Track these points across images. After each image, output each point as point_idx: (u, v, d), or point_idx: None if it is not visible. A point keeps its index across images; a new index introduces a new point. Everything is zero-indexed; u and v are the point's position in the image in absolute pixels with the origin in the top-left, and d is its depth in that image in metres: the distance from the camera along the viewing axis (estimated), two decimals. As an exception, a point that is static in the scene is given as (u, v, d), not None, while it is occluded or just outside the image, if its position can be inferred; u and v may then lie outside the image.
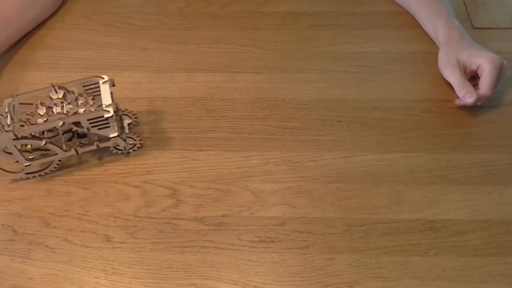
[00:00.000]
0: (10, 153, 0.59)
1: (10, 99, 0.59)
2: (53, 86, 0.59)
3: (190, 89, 0.72)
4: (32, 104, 0.60)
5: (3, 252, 0.57)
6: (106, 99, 0.59)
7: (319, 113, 0.69)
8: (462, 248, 0.56)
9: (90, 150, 0.62)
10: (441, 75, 0.72)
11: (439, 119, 0.67)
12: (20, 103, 0.60)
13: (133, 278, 0.55)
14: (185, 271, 0.56)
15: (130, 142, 0.64)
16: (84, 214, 0.60)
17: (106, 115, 0.58)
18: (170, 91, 0.71)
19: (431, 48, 0.76)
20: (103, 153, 0.65)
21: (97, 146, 0.62)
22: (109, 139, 0.61)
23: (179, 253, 0.57)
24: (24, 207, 0.61)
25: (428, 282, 0.54)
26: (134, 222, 0.59)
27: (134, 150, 0.65)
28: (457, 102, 0.68)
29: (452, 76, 0.68)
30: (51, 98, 0.59)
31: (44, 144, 0.58)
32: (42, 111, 0.58)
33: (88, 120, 0.58)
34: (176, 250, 0.57)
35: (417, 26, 0.79)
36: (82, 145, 0.62)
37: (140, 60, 0.75)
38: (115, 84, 0.61)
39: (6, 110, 0.58)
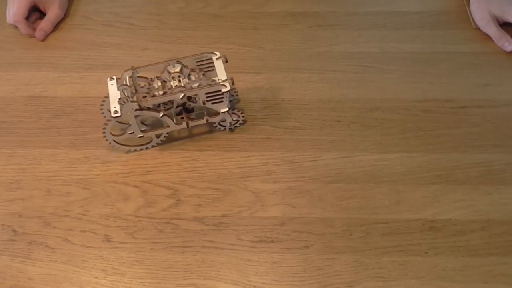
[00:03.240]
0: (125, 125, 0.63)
1: (130, 72, 0.62)
2: (170, 61, 0.61)
3: (190, 89, 0.72)
4: (147, 77, 0.62)
5: (3, 252, 0.57)
6: (221, 74, 0.62)
7: (319, 113, 0.69)
8: (462, 248, 0.56)
9: (199, 125, 0.65)
10: (441, 75, 0.72)
11: (439, 119, 0.67)
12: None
13: (133, 278, 0.55)
14: (185, 271, 0.56)
15: (234, 118, 0.65)
16: (84, 214, 0.60)
17: (223, 90, 0.60)
18: (170, 91, 0.71)
19: (431, 48, 0.76)
20: (209, 128, 0.67)
21: (207, 120, 0.64)
22: (217, 114, 0.63)
23: (179, 253, 0.57)
24: (24, 207, 0.61)
25: (428, 282, 0.54)
26: (134, 222, 0.59)
27: (236, 126, 0.66)
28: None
29: (488, 30, 0.75)
30: (169, 72, 0.61)
31: (161, 116, 0.61)
32: (158, 84, 0.61)
33: (205, 94, 0.60)
34: (176, 250, 0.57)
35: (417, 26, 0.79)
36: (191, 119, 0.64)
37: (140, 60, 0.75)
38: None
39: (125, 82, 0.61)
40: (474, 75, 0.72)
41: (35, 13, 0.81)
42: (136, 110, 0.59)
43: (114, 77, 0.63)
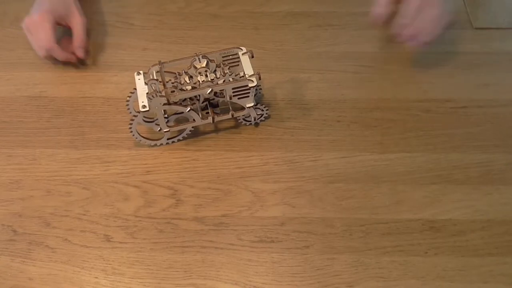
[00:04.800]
0: (150, 121, 0.63)
1: (157, 67, 0.62)
2: (197, 56, 0.62)
3: (190, 89, 0.72)
4: (173, 72, 0.62)
5: (3, 252, 0.57)
6: (248, 69, 0.62)
7: (319, 113, 0.69)
8: (462, 248, 0.56)
9: (224, 119, 0.65)
10: (441, 75, 0.72)
11: (439, 119, 0.67)
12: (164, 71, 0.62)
13: (133, 278, 0.55)
14: (185, 271, 0.56)
15: (258, 113, 0.66)
16: (84, 214, 0.60)
17: (250, 85, 0.61)
18: (170, 91, 0.71)
19: (431, 48, 0.75)
20: (233, 123, 0.67)
21: (232, 115, 0.64)
22: (241, 109, 0.64)
23: (179, 253, 0.57)
24: (24, 207, 0.61)
25: (428, 282, 0.54)
26: (134, 222, 0.59)
27: (261, 120, 0.67)
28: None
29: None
30: (195, 67, 0.61)
31: (188, 111, 0.61)
32: (186, 79, 0.61)
33: (232, 88, 0.60)
34: (176, 250, 0.57)
35: (417, 26, 0.79)
36: (216, 114, 0.64)
37: (140, 60, 0.75)
38: None
39: (152, 77, 0.61)
40: (474, 75, 0.72)
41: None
42: (164, 104, 0.60)
43: (141, 72, 0.63)
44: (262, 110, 0.66)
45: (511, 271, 0.55)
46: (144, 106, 0.60)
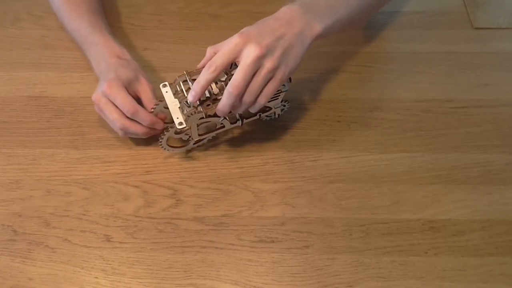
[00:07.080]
0: (180, 133, 0.62)
1: (184, 78, 0.60)
2: None
3: (190, 89, 0.72)
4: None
5: (3, 252, 0.57)
6: None
7: (319, 113, 0.69)
8: (462, 248, 0.56)
9: (252, 120, 0.64)
10: (441, 75, 0.72)
11: (439, 119, 0.67)
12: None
13: (133, 278, 0.55)
14: (185, 271, 0.56)
15: (281, 109, 0.65)
16: (84, 214, 0.60)
17: (283, 90, 0.61)
18: (170, 91, 0.71)
19: (431, 48, 0.76)
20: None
21: (259, 116, 0.64)
22: (267, 109, 0.63)
23: (179, 253, 0.57)
24: (24, 207, 0.61)
25: (428, 282, 0.54)
26: (134, 222, 0.59)
27: (280, 114, 0.66)
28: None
29: None
30: (226, 74, 0.59)
31: (222, 120, 0.61)
32: (216, 88, 0.59)
33: None
34: (176, 250, 0.57)
35: (417, 26, 0.79)
36: (243, 116, 0.64)
37: (140, 60, 0.75)
38: None
39: (179, 87, 0.60)
40: (474, 75, 0.72)
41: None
42: (201, 118, 0.59)
43: (167, 83, 0.61)
44: (284, 106, 0.65)
45: (511, 271, 0.55)
46: (181, 123, 0.59)
